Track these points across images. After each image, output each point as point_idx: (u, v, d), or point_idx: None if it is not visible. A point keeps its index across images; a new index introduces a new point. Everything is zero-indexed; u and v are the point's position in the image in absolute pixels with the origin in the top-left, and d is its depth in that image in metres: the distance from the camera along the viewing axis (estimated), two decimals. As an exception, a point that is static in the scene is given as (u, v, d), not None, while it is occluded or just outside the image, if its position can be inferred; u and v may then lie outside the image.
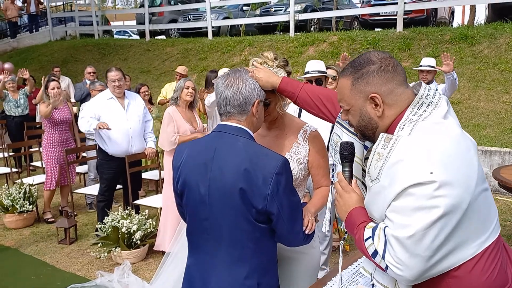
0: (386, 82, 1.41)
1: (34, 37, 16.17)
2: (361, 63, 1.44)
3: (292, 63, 9.70)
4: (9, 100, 7.50)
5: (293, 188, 1.73)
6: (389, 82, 1.41)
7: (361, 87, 1.42)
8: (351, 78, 1.44)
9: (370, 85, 1.41)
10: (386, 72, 1.41)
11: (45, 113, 5.14)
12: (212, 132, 1.82)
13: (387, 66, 1.41)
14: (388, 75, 1.41)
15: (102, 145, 4.62)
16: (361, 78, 1.42)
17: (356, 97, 1.44)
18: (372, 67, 1.42)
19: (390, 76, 1.41)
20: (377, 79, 1.41)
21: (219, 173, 1.69)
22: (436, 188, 1.23)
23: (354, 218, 1.48)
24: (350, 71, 1.45)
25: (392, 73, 1.41)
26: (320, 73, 3.48)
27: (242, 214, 1.67)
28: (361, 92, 1.43)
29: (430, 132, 1.32)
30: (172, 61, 11.73)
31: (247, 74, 1.82)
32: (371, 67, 1.42)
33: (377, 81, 1.41)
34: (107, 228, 4.19)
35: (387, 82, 1.41)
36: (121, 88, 4.66)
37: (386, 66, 1.41)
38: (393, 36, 9.12)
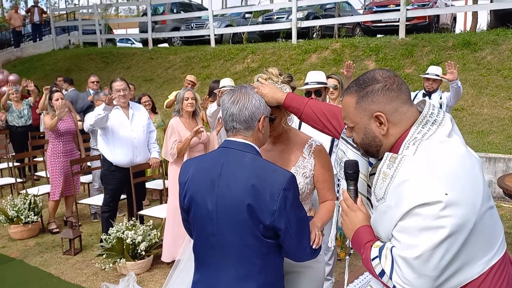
0: (390, 101, 1.41)
1: (37, 46, 16.28)
2: (366, 82, 1.45)
3: (295, 71, 9.73)
4: (12, 111, 7.55)
5: (300, 204, 1.73)
6: (394, 101, 1.41)
7: (365, 106, 1.43)
8: (356, 96, 1.45)
9: (374, 104, 1.42)
10: (391, 91, 1.41)
11: (51, 125, 5.16)
12: (219, 147, 1.83)
13: (391, 85, 1.42)
14: (392, 94, 1.41)
15: (107, 155, 4.63)
16: (366, 97, 1.43)
17: (360, 115, 1.45)
18: (376, 85, 1.42)
19: (395, 95, 1.41)
20: (381, 98, 1.41)
21: (227, 189, 1.69)
22: (442, 208, 1.23)
23: (360, 237, 1.48)
24: (355, 89, 1.46)
25: (397, 92, 1.42)
26: (320, 84, 3.49)
27: (249, 230, 1.67)
28: (365, 110, 1.43)
29: (435, 151, 1.32)
30: (175, 69, 11.78)
31: (253, 90, 1.83)
32: (375, 85, 1.42)
33: (382, 99, 1.41)
34: (112, 239, 4.19)
35: (391, 100, 1.41)
36: (126, 98, 4.68)
37: (390, 85, 1.42)
38: (395, 43, 9.13)
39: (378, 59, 8.89)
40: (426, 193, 1.25)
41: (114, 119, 4.60)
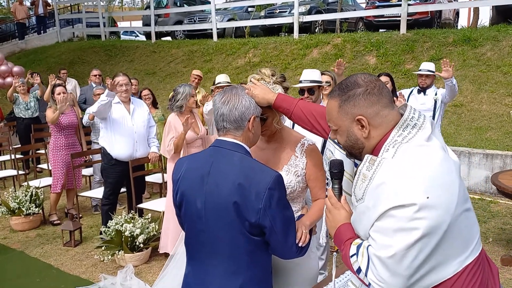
0: (372, 105, 1.45)
1: (42, 38, 16.33)
2: (348, 86, 1.49)
3: (296, 65, 9.75)
4: (19, 103, 7.64)
5: (287, 203, 1.79)
6: (375, 105, 1.45)
7: (348, 109, 1.47)
8: (339, 100, 1.49)
9: (356, 108, 1.46)
10: (372, 95, 1.45)
11: (52, 119, 5.23)
12: (210, 146, 1.89)
13: (372, 89, 1.46)
14: (373, 98, 1.45)
15: (108, 149, 4.70)
16: (348, 101, 1.47)
17: (343, 119, 1.49)
18: (358, 90, 1.46)
19: (376, 98, 1.46)
20: (363, 102, 1.45)
21: (215, 187, 1.75)
22: (416, 210, 1.28)
23: (342, 234, 1.54)
24: (338, 93, 1.50)
25: (378, 96, 1.46)
26: (313, 83, 3.54)
27: (236, 227, 1.73)
28: (348, 114, 1.48)
29: (413, 155, 1.37)
30: (177, 63, 11.82)
31: (244, 91, 1.88)
32: (357, 90, 1.46)
33: (363, 103, 1.45)
34: (111, 231, 4.27)
35: (372, 104, 1.45)
36: (128, 93, 4.75)
37: (372, 89, 1.46)
38: (396, 38, 9.14)
39: (379, 54, 8.90)
40: (401, 196, 1.30)
41: (116, 113, 4.67)
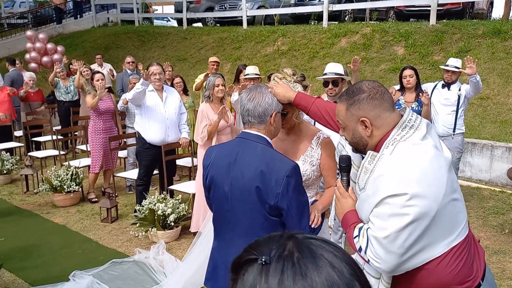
0: (374, 108, 1.70)
1: (78, 23, 16.90)
2: (354, 92, 1.74)
3: (324, 54, 9.87)
4: (60, 87, 8.11)
5: (302, 189, 2.05)
6: (377, 108, 1.70)
7: (353, 112, 1.72)
8: (346, 104, 1.75)
9: (360, 110, 1.71)
10: (374, 100, 1.70)
11: (92, 104, 5.62)
12: (237, 138, 2.17)
13: (375, 94, 1.71)
14: (376, 102, 1.70)
15: (142, 134, 5.05)
16: (354, 104, 1.72)
17: (350, 119, 1.74)
18: (362, 95, 1.71)
19: (378, 103, 1.70)
20: (366, 106, 1.70)
21: (240, 173, 2.03)
22: (408, 199, 1.53)
23: (348, 219, 1.80)
24: (345, 97, 1.76)
25: (380, 101, 1.70)
26: (337, 75, 3.75)
27: (257, 209, 2.01)
28: (353, 116, 1.73)
29: (408, 152, 1.61)
30: (207, 50, 12.10)
31: (267, 90, 2.14)
32: (361, 95, 1.71)
33: (366, 107, 1.70)
34: (145, 210, 4.63)
35: (375, 108, 1.70)
36: (161, 81, 5.06)
37: (374, 95, 1.70)
38: (425, 29, 9.12)
39: (408, 45, 8.92)
40: (396, 186, 1.55)
41: (150, 101, 5.00)
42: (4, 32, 16.81)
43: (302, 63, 9.95)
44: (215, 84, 4.55)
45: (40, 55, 10.92)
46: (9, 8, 20.77)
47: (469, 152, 6.18)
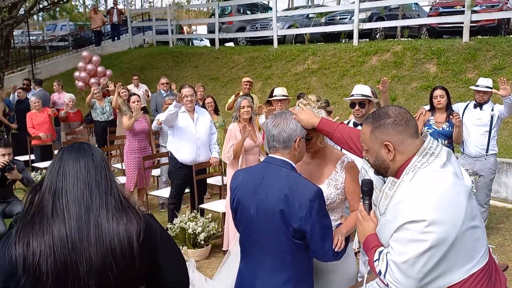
0: (398, 134, 1.75)
1: (115, 44, 17.60)
2: (380, 116, 1.80)
3: (354, 73, 9.88)
4: (96, 108, 8.47)
5: (325, 213, 2.10)
6: (401, 134, 1.74)
7: (378, 135, 1.78)
8: (371, 127, 1.80)
9: (385, 135, 1.76)
10: (399, 126, 1.75)
11: (128, 125, 5.86)
12: (262, 162, 2.25)
13: (400, 120, 1.75)
14: (400, 128, 1.75)
15: (174, 153, 5.22)
16: (379, 128, 1.77)
17: (373, 142, 1.80)
18: (388, 120, 1.76)
19: (402, 129, 1.75)
20: (391, 131, 1.75)
21: (265, 196, 2.11)
22: (426, 225, 1.57)
23: (369, 242, 1.84)
24: (371, 120, 1.81)
25: (404, 127, 1.75)
26: (364, 97, 3.79)
27: (282, 231, 2.07)
28: (377, 139, 1.78)
29: (428, 179, 1.65)
30: (238, 69, 12.34)
31: (291, 116, 2.22)
32: (387, 120, 1.77)
33: (391, 132, 1.75)
34: (176, 228, 4.76)
35: (399, 133, 1.74)
36: (192, 103, 5.24)
37: (400, 121, 1.75)
38: (458, 46, 9.00)
39: (440, 62, 8.82)
40: (415, 213, 1.59)
41: (181, 121, 5.17)
42: (46, 54, 17.67)
43: (332, 82, 9.99)
44: (241, 106, 4.68)
45: (90, 76, 11.52)
46: (51, 31, 21.89)
47: (505, 173, 6.03)
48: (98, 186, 1.55)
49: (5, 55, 12.05)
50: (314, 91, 10.06)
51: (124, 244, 1.50)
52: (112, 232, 1.49)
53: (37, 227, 1.45)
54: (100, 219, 1.50)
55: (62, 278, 1.43)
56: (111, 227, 1.50)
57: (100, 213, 1.51)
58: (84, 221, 1.49)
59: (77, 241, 1.46)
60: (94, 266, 1.45)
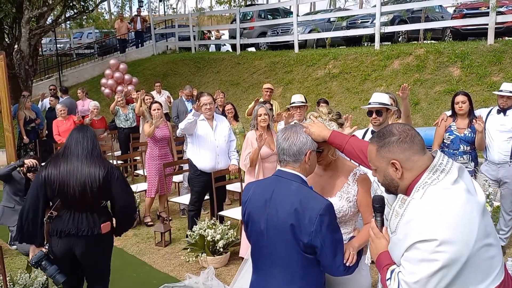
0: (404, 151, 1.73)
1: (139, 51, 17.93)
2: (384, 134, 1.79)
3: (376, 77, 9.78)
4: (119, 115, 8.65)
5: (336, 227, 2.09)
6: (407, 151, 1.73)
7: (384, 154, 1.77)
8: (376, 146, 1.79)
9: (390, 153, 1.75)
10: (404, 143, 1.73)
11: (148, 132, 5.96)
12: (273, 175, 2.26)
13: (405, 137, 1.74)
14: (405, 145, 1.73)
15: (194, 161, 5.28)
16: (384, 147, 1.77)
17: (380, 161, 1.79)
18: (392, 138, 1.75)
19: (408, 146, 1.73)
20: (396, 148, 1.74)
21: (275, 210, 2.11)
22: (437, 245, 1.54)
23: (381, 260, 1.83)
24: (376, 140, 1.81)
25: (410, 144, 1.74)
26: (381, 105, 3.75)
27: (292, 245, 2.08)
28: (384, 158, 1.77)
29: (439, 196, 1.63)
30: (259, 74, 12.38)
31: (302, 129, 2.23)
32: (391, 138, 1.76)
33: (396, 150, 1.74)
34: (195, 235, 4.81)
35: (404, 150, 1.73)
36: (211, 111, 5.29)
37: (404, 138, 1.74)
38: (483, 49, 8.80)
39: (464, 66, 8.64)
40: (425, 232, 1.57)
41: (200, 129, 5.23)
42: (73, 62, 18.14)
43: (353, 86, 9.92)
44: (258, 114, 4.70)
45: (117, 83, 11.81)
46: (78, 39, 22.46)
47: (531, 179, 5.83)
48: (87, 147, 3.10)
49: (33, 63, 12.46)
50: (335, 95, 10.00)
51: (93, 179, 3.03)
52: (88, 172, 3.03)
53: (53, 162, 3.07)
54: (84, 164, 3.05)
55: (62, 187, 3.01)
56: (88, 169, 3.04)
57: (84, 161, 3.06)
58: (76, 164, 3.05)
59: (71, 172, 3.02)
60: (78, 184, 3.01)
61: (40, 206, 3.05)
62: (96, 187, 3.02)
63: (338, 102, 9.74)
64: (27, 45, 11.83)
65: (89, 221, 3.07)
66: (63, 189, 3.00)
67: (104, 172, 3.05)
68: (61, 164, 3.03)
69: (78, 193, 3.00)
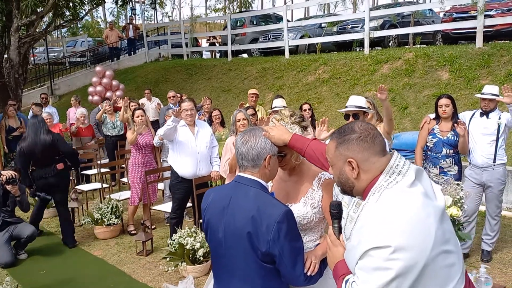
0: (362, 150, 1.64)
1: (132, 59, 17.89)
2: (345, 131, 1.70)
3: (365, 82, 9.73)
4: (106, 123, 8.56)
5: (295, 235, 1.99)
6: (366, 151, 1.64)
7: (342, 151, 1.68)
8: (336, 142, 1.71)
9: (349, 151, 1.66)
10: (364, 142, 1.64)
11: (131, 140, 5.88)
12: (232, 181, 2.17)
13: (366, 136, 1.65)
14: (365, 145, 1.64)
15: (175, 167, 5.19)
16: (343, 144, 1.68)
17: (338, 158, 1.70)
18: (352, 135, 1.66)
19: (367, 145, 1.64)
20: (355, 147, 1.65)
21: (232, 218, 2.02)
22: (391, 252, 1.44)
23: (338, 270, 1.73)
24: (336, 136, 1.72)
25: (370, 143, 1.65)
26: (358, 108, 3.67)
27: (250, 255, 1.98)
28: (341, 155, 1.68)
29: (394, 200, 1.53)
30: (250, 80, 12.32)
31: (261, 133, 2.14)
32: (352, 135, 1.67)
33: (355, 148, 1.65)
34: (175, 244, 4.70)
35: (363, 150, 1.64)
36: (192, 117, 5.21)
37: (365, 137, 1.65)
38: (471, 52, 8.75)
39: (452, 69, 8.59)
40: (379, 238, 1.47)
41: (181, 136, 5.15)
42: (65, 70, 18.09)
43: (343, 91, 9.86)
44: (237, 119, 4.62)
45: (105, 89, 11.73)
46: (71, 48, 22.43)
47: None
48: (38, 126, 5.43)
49: (23, 72, 12.36)
50: (325, 100, 9.94)
51: (46, 143, 5.38)
52: (43, 140, 5.38)
53: (23, 140, 5.50)
54: (41, 134, 5.40)
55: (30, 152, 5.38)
56: (44, 137, 5.39)
57: (41, 133, 5.40)
58: (36, 136, 5.39)
59: (34, 141, 5.37)
60: (40, 147, 5.36)
61: (25, 165, 5.49)
62: (48, 147, 5.39)
63: (328, 107, 9.68)
64: (16, 53, 11.74)
65: (51, 166, 5.50)
66: (33, 152, 5.37)
67: (51, 138, 5.44)
68: (27, 139, 5.40)
69: (40, 153, 5.38)
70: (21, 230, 5.29)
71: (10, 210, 5.30)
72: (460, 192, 3.20)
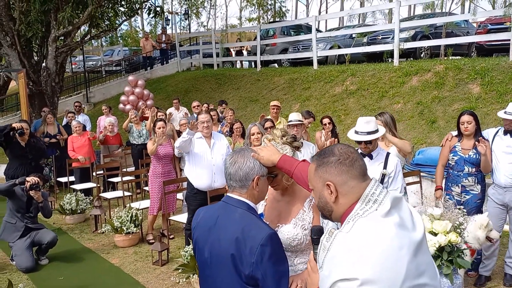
0: (341, 174, 1.60)
1: (164, 68, 18.27)
2: (325, 153, 1.67)
3: (393, 94, 9.53)
4: (133, 131, 8.76)
5: (280, 258, 1.95)
6: (344, 174, 1.60)
7: (321, 174, 1.64)
8: (315, 164, 1.67)
9: (327, 174, 1.62)
10: (343, 165, 1.60)
11: (151, 150, 5.98)
12: (220, 201, 2.16)
13: (344, 160, 1.61)
14: (344, 168, 1.60)
15: (191, 179, 5.23)
16: (322, 166, 1.64)
17: (317, 181, 1.66)
18: (332, 158, 1.63)
19: (346, 169, 1.60)
20: (333, 170, 1.61)
21: (217, 238, 2.01)
22: (359, 285, 1.39)
23: None
24: (316, 158, 1.69)
25: (348, 167, 1.60)
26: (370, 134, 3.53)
27: (234, 277, 1.95)
28: (320, 178, 1.64)
29: (366, 230, 1.48)
30: (278, 91, 12.32)
31: (250, 153, 2.12)
32: (331, 158, 1.63)
33: (333, 171, 1.61)
34: (187, 255, 4.73)
35: (342, 173, 1.60)
36: (209, 129, 5.25)
37: (344, 160, 1.61)
38: (504, 65, 8.42)
39: (484, 83, 8.28)
40: (347, 270, 1.42)
41: (197, 148, 5.19)
42: (101, 78, 18.67)
43: (370, 103, 9.69)
44: (251, 133, 4.62)
45: (138, 99, 12.04)
46: (109, 57, 23.16)
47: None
48: None
49: (60, 80, 12.86)
50: (352, 112, 9.80)
51: None
52: None
53: None
54: None
55: None
56: None
57: None
58: None
59: None
60: None
61: None
62: None
63: (354, 119, 9.52)
64: (53, 62, 12.24)
65: None
66: None
67: None
68: None
69: None
70: (42, 236, 5.46)
71: (33, 216, 5.48)
72: (461, 217, 3.05)
